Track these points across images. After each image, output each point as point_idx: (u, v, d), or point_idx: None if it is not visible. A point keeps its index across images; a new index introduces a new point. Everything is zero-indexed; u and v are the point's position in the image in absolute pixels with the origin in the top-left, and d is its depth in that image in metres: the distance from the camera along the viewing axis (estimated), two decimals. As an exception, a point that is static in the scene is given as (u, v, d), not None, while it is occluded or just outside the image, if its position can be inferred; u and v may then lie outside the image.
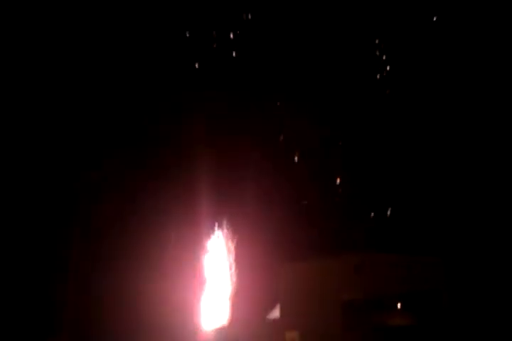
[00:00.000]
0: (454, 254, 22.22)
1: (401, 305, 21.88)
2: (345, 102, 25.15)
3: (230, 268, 24.97)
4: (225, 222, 24.80)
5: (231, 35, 25.71)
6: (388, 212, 23.72)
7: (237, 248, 24.70)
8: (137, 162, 24.82)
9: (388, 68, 25.45)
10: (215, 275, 25.03)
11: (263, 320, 23.14)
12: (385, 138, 24.44)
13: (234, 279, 24.71)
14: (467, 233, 22.76)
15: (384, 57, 25.53)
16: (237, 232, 24.59)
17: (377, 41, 25.71)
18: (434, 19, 24.35)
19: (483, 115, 23.30)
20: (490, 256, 22.23)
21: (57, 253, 23.76)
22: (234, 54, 25.79)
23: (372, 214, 23.65)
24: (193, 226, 24.44)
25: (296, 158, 25.54)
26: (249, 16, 25.69)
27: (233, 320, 24.12)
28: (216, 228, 24.94)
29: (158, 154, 25.06)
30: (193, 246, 24.63)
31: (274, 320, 22.58)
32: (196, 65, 25.56)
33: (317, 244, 22.89)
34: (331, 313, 21.22)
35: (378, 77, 25.54)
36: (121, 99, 24.82)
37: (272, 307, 23.10)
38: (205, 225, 24.53)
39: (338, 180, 24.52)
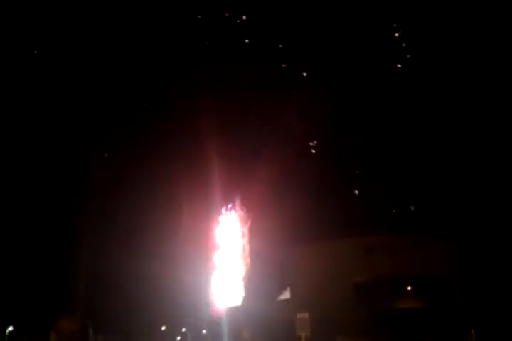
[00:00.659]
0: (470, 237, 21.91)
1: (412, 288, 21.73)
2: (364, 93, 24.89)
3: (244, 250, 25.10)
4: (238, 204, 24.92)
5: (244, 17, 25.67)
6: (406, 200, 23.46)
7: (250, 229, 24.80)
8: (151, 141, 24.97)
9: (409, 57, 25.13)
10: (228, 256, 25.21)
11: (275, 301, 23.20)
12: (405, 125, 24.15)
13: (247, 260, 24.85)
14: (483, 216, 22.40)
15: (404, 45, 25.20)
16: (250, 213, 24.69)
17: (395, 25, 25.39)
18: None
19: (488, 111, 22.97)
20: (506, 241, 21.88)
21: (69, 229, 24.11)
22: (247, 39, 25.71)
23: (387, 196, 23.42)
24: (207, 208, 24.62)
25: (312, 143, 25.45)
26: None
27: (247, 300, 24.30)
28: (230, 210, 25.09)
29: (172, 134, 25.16)
30: (207, 229, 24.81)
31: (285, 301, 22.62)
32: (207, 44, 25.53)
33: (329, 225, 22.78)
34: (341, 295, 21.13)
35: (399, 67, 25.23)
36: (134, 84, 25.00)
37: (283, 288, 23.14)
38: (218, 207, 24.73)
39: (355, 164, 24.38)
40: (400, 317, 20.93)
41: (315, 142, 25.51)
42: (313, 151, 25.48)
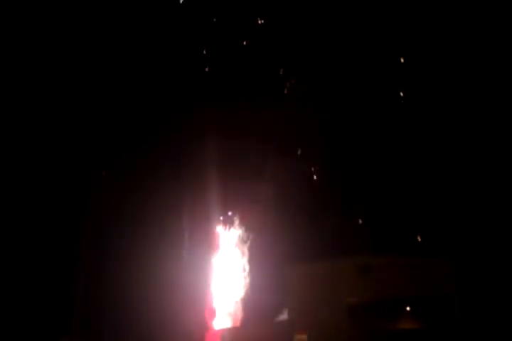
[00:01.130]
0: (467, 257, 21.76)
1: (410, 309, 21.57)
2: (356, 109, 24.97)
3: (243, 270, 25.10)
4: (235, 225, 24.99)
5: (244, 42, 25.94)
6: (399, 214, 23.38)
7: (248, 250, 24.83)
8: (150, 159, 25.20)
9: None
10: (226, 275, 25.23)
11: (272, 322, 23.12)
12: (397, 141, 24.16)
13: (245, 281, 24.84)
14: (481, 236, 22.25)
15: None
16: (247, 234, 24.74)
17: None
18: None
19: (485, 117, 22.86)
20: (503, 260, 21.68)
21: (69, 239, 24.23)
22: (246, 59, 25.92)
23: (382, 215, 23.36)
24: (204, 229, 24.73)
25: (311, 168, 25.53)
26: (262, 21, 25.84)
27: (244, 321, 24.25)
28: (226, 231, 25.15)
29: (169, 153, 25.36)
30: (205, 249, 24.90)
31: (282, 322, 22.53)
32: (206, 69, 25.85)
33: (325, 245, 22.73)
34: (337, 316, 21.06)
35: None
36: (131, 100, 25.28)
37: (280, 309, 23.07)
38: (214, 229, 24.84)
39: (348, 184, 24.35)
40: (397, 339, 20.78)
41: (316, 166, 25.54)
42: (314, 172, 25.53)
